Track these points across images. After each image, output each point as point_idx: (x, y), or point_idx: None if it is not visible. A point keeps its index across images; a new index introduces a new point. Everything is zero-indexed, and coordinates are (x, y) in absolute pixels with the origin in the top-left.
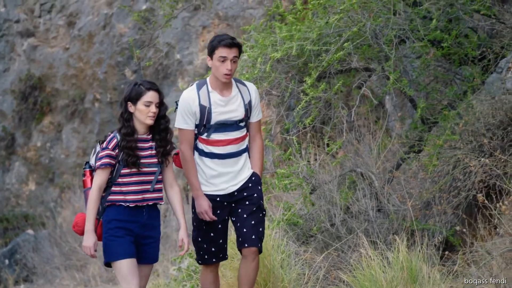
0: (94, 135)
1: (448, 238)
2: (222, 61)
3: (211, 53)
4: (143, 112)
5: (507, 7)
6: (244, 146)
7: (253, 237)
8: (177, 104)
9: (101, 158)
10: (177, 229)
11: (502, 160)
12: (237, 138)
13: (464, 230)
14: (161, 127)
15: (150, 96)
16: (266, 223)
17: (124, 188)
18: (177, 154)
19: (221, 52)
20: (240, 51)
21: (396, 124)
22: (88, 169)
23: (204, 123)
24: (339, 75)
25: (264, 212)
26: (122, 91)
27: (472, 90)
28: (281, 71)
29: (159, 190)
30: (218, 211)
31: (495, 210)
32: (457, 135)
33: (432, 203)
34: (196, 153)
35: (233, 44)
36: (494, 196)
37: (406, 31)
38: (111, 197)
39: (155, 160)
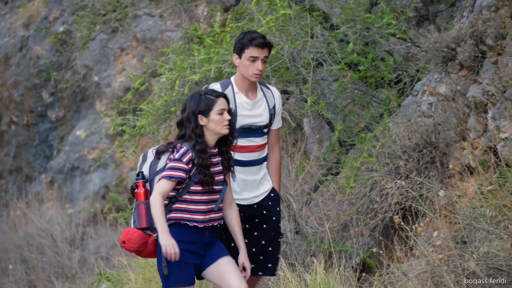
0: (10, 158)
1: (365, 260)
2: (253, 60)
3: (239, 52)
4: (219, 122)
5: (422, 31)
6: (265, 154)
7: (270, 265)
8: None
9: (173, 168)
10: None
11: (418, 182)
12: (260, 145)
13: (381, 251)
14: (228, 134)
15: (221, 103)
16: None
17: (191, 206)
18: None
19: (251, 51)
20: (271, 50)
21: (314, 147)
22: (141, 180)
23: None
24: None
25: (281, 236)
26: (40, 113)
27: (388, 112)
28: None
29: (221, 210)
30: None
31: (411, 231)
32: (374, 158)
33: (349, 225)
34: None
35: (265, 44)
36: (410, 218)
37: (324, 54)
38: (175, 215)
39: (221, 177)
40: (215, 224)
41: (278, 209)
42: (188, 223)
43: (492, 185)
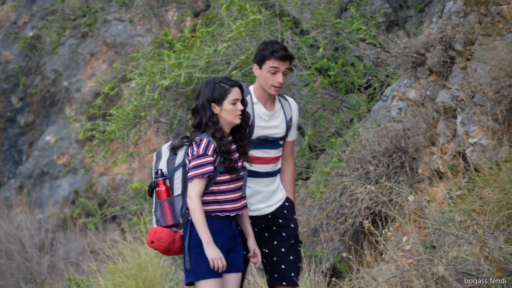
0: None
1: (335, 265)
2: (273, 72)
3: (260, 62)
4: (231, 112)
5: (392, 36)
6: (280, 166)
7: (292, 274)
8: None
9: (201, 165)
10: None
11: (388, 187)
12: (275, 157)
13: (351, 256)
14: (242, 124)
15: (235, 93)
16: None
17: (220, 197)
18: None
19: (273, 63)
20: (292, 62)
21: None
22: (161, 178)
23: None
24: None
25: (301, 244)
26: (9, 118)
27: (358, 118)
28: (169, 98)
29: (245, 196)
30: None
31: (381, 236)
32: (344, 163)
33: (319, 230)
34: None
35: (287, 56)
36: (380, 223)
37: (294, 59)
38: (204, 207)
39: (240, 163)
40: (244, 211)
41: (294, 217)
42: (219, 214)
43: (461, 190)
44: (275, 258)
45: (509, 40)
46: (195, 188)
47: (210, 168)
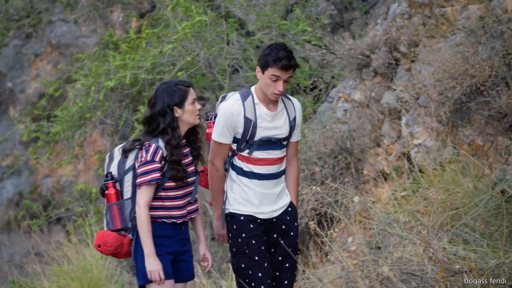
0: None
1: None
2: (274, 80)
3: (262, 67)
4: (192, 112)
5: (337, 38)
6: (284, 168)
7: (286, 282)
8: (207, 116)
9: (148, 172)
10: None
11: (333, 188)
12: (279, 158)
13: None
14: (196, 126)
15: (192, 92)
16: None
17: (167, 203)
18: (203, 171)
19: (275, 71)
20: (295, 69)
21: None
22: (111, 181)
23: (247, 138)
24: None
25: (299, 252)
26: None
27: (304, 119)
28: (115, 99)
29: (196, 201)
30: (259, 233)
31: (326, 237)
32: None
33: None
34: (232, 172)
35: (290, 66)
36: (325, 224)
37: (239, 60)
38: (151, 213)
39: (192, 168)
40: (192, 216)
41: (295, 224)
42: (165, 220)
43: (406, 191)
44: (271, 265)
45: (452, 42)
46: (143, 195)
47: (157, 175)
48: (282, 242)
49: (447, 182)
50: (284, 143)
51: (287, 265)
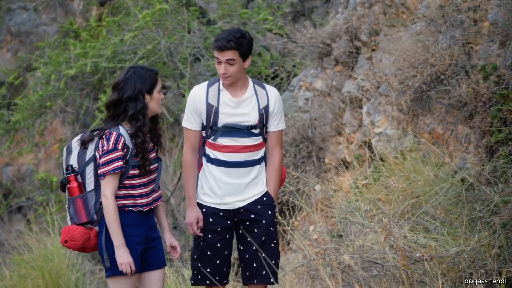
0: None
1: None
2: (218, 62)
3: None
4: (158, 101)
5: (298, 26)
6: (258, 157)
7: (264, 272)
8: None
9: (111, 161)
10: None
11: (295, 176)
12: (248, 146)
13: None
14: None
15: (159, 81)
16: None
17: (132, 191)
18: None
19: (216, 53)
20: (242, 51)
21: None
22: (72, 174)
23: (211, 124)
24: None
25: (275, 241)
26: None
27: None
28: (75, 88)
29: (159, 187)
30: (219, 228)
31: (288, 226)
32: None
33: None
34: (203, 159)
35: (225, 47)
36: (287, 212)
37: (201, 49)
38: (118, 202)
39: (154, 154)
40: (158, 203)
41: (270, 213)
42: (132, 209)
43: (367, 179)
44: (247, 256)
45: (413, 31)
46: (109, 185)
47: (120, 163)
48: (256, 231)
49: (408, 171)
50: (254, 131)
51: (263, 255)
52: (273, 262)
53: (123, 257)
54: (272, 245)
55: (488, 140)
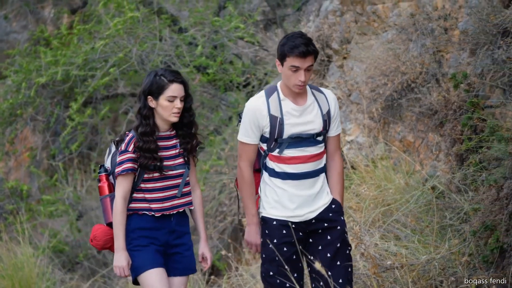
0: None
1: (214, 263)
2: (294, 70)
3: (281, 59)
4: (167, 109)
5: (270, 34)
6: (322, 165)
7: (340, 281)
8: (239, 116)
9: (121, 163)
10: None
11: None
12: (314, 155)
13: (230, 254)
14: (184, 120)
15: (174, 89)
16: (31, 250)
17: (148, 195)
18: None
19: (293, 61)
20: (316, 57)
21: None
22: (103, 174)
23: (276, 137)
24: (106, 100)
25: (350, 248)
26: None
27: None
28: (46, 96)
29: (188, 194)
30: (293, 240)
31: None
32: (223, 160)
33: None
34: (265, 174)
35: (308, 52)
36: None
37: (172, 57)
38: (133, 205)
39: (181, 160)
40: (180, 210)
41: (342, 218)
42: (146, 212)
43: None
44: (320, 265)
45: (384, 39)
46: (120, 187)
47: (130, 165)
48: (329, 238)
49: (379, 179)
50: (319, 138)
51: (338, 262)
52: (349, 269)
53: (118, 261)
54: (347, 251)
55: (459, 148)
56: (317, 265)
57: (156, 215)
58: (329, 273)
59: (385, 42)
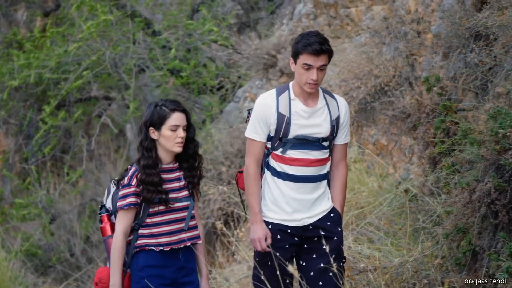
0: None
1: None
2: (307, 69)
3: (294, 57)
4: (170, 139)
5: (244, 37)
6: (325, 171)
7: None
8: (249, 112)
9: (124, 197)
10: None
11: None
12: (318, 160)
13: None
14: (189, 151)
15: (176, 118)
16: (3, 254)
17: (154, 230)
18: (241, 172)
19: (306, 59)
20: (331, 57)
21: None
22: (105, 214)
23: (281, 136)
24: (79, 103)
25: (344, 260)
26: None
27: (211, 119)
28: (19, 99)
29: (195, 228)
30: (287, 245)
31: (233, 237)
32: None
33: None
34: (267, 172)
35: (322, 51)
36: (232, 224)
37: (146, 60)
38: (140, 242)
39: (185, 192)
40: (187, 244)
41: (339, 229)
42: (154, 248)
43: None
44: (312, 274)
45: (357, 42)
46: (120, 221)
47: (133, 199)
48: (324, 247)
49: (352, 182)
50: (325, 143)
51: (330, 274)
52: (341, 282)
53: None
54: (341, 264)
55: (431, 151)
56: (290, 268)
57: (165, 249)
58: (320, 283)
59: (359, 45)
